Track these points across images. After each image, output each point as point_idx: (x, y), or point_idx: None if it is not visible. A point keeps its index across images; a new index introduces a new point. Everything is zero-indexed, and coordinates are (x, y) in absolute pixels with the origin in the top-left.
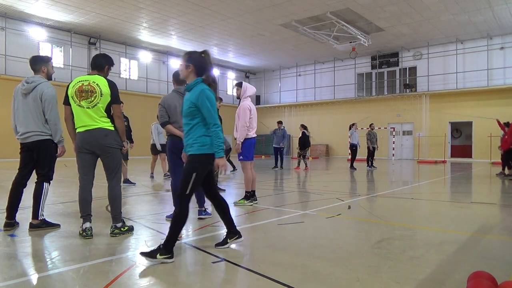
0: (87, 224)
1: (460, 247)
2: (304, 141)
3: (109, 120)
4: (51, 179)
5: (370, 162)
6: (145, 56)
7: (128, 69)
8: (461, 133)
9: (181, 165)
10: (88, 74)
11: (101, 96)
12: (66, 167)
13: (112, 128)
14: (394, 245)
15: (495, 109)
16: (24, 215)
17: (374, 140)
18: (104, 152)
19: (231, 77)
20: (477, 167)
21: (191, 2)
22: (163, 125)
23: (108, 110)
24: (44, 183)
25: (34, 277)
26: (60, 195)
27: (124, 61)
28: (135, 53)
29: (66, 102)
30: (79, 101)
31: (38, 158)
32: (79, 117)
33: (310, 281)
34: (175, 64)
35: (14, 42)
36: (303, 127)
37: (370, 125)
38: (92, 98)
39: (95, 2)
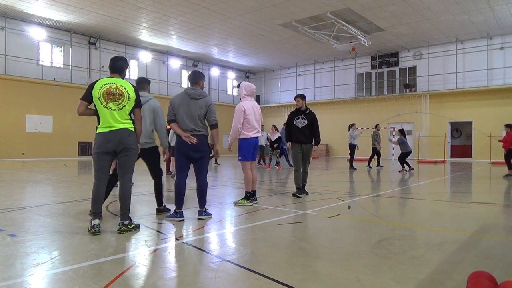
0: (96, 221)
1: (460, 247)
2: (280, 142)
3: (131, 122)
4: (162, 175)
5: (371, 162)
6: (145, 56)
7: (128, 69)
8: (461, 133)
9: (187, 166)
10: (110, 77)
11: (128, 100)
12: (66, 167)
13: (133, 130)
14: (394, 245)
15: (495, 109)
16: (24, 215)
17: (378, 140)
18: (125, 150)
19: (231, 77)
20: (477, 167)
21: (191, 2)
22: (168, 122)
23: (131, 113)
24: (162, 177)
25: (34, 277)
26: (60, 195)
27: None
28: (135, 53)
29: (86, 98)
30: (106, 103)
31: (149, 161)
32: (104, 118)
33: (310, 281)
34: (175, 64)
35: (14, 42)
36: (276, 128)
37: (376, 126)
38: (120, 101)
39: (95, 2)
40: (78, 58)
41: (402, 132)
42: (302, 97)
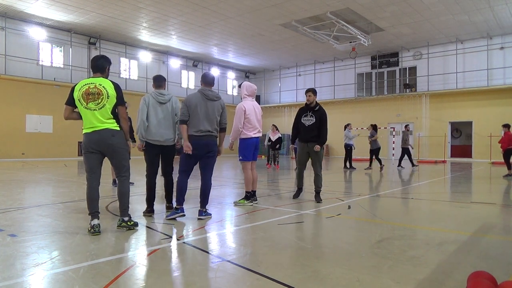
0: (95, 221)
1: (460, 247)
2: (280, 142)
3: (115, 121)
4: (172, 172)
5: (401, 162)
6: (145, 56)
7: (128, 69)
8: (461, 133)
9: (193, 166)
10: (91, 77)
11: (107, 98)
12: (66, 167)
13: (118, 129)
14: (394, 245)
15: (495, 109)
16: (24, 215)
17: (407, 140)
18: (112, 151)
19: (231, 77)
20: (477, 167)
21: (191, 2)
22: (180, 122)
23: (114, 111)
24: (172, 175)
25: (34, 277)
26: (60, 195)
27: (124, 61)
28: (135, 53)
29: (70, 102)
30: (86, 104)
31: (167, 158)
32: (87, 119)
33: (310, 281)
34: (175, 64)
35: (14, 42)
36: (277, 128)
37: (406, 126)
38: (99, 100)
39: (95, 2)
40: (78, 58)
41: (374, 127)
42: (314, 91)
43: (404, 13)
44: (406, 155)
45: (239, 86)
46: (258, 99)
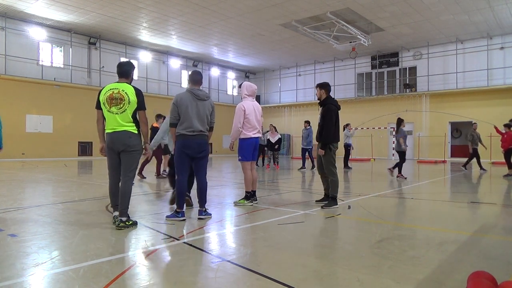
0: (116, 213)
1: (460, 247)
2: (280, 143)
3: (134, 124)
4: None
5: (467, 164)
6: (145, 56)
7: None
8: (461, 133)
9: (189, 166)
10: (117, 82)
11: (129, 104)
12: (66, 167)
13: (136, 132)
14: (394, 245)
15: (495, 109)
16: (24, 215)
17: (477, 140)
18: (126, 150)
19: (231, 77)
20: (477, 167)
21: (191, 2)
22: (170, 125)
23: (134, 115)
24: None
25: (34, 277)
26: (60, 195)
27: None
28: (135, 53)
29: (98, 106)
30: (110, 107)
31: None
32: (109, 121)
33: (310, 281)
34: (175, 64)
35: (14, 42)
36: (276, 129)
37: (473, 125)
38: (121, 105)
39: (95, 2)
40: (78, 58)
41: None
42: (321, 85)
43: (404, 13)
44: (475, 157)
45: (240, 86)
46: (258, 99)
